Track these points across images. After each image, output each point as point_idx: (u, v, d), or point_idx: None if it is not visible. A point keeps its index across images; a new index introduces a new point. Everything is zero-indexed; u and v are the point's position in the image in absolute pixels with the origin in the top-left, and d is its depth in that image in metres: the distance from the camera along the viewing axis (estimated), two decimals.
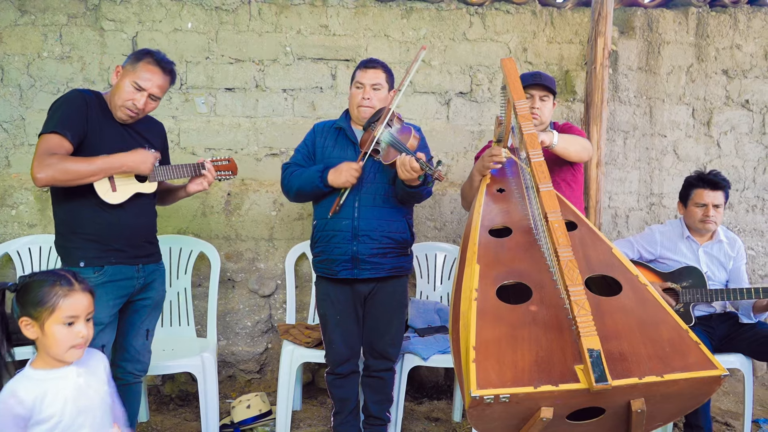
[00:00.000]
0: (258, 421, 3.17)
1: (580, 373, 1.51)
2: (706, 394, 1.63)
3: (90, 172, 2.27)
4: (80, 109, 2.32)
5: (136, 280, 2.46)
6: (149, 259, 2.53)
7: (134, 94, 2.36)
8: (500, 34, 3.76)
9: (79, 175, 2.25)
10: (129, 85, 2.35)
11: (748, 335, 3.00)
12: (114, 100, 2.39)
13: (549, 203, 1.81)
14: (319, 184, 2.69)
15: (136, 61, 2.38)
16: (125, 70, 2.39)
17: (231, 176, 2.76)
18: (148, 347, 2.60)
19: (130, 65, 2.39)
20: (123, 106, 2.37)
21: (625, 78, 3.86)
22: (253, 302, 3.69)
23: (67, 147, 2.26)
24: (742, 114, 3.95)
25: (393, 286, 2.79)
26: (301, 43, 3.63)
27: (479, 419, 1.58)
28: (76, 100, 2.34)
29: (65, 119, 2.28)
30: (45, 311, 1.67)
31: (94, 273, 2.33)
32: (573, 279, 1.63)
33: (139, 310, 2.53)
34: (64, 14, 3.51)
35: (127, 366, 2.53)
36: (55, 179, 2.22)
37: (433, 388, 3.76)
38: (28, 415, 1.65)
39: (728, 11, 3.87)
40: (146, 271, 2.51)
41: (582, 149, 2.71)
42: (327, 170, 2.68)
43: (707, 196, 3.02)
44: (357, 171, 2.62)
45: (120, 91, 2.37)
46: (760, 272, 4.01)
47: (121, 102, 2.37)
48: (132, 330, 2.53)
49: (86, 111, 2.33)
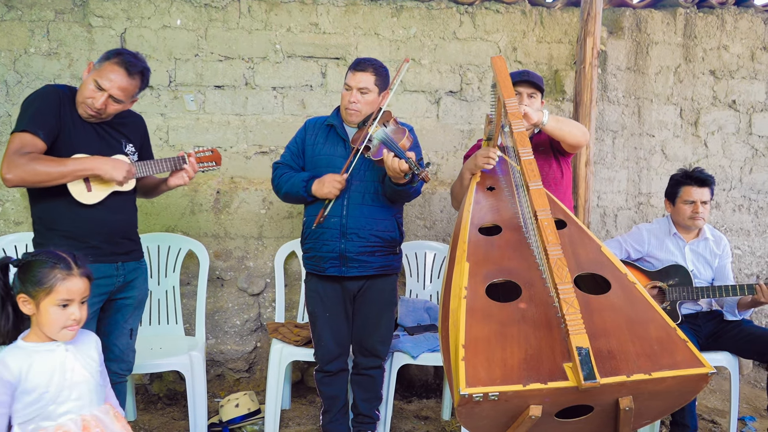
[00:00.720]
0: (247, 420, 3.16)
1: (569, 371, 1.51)
2: (694, 392, 1.65)
3: (60, 174, 2.21)
4: (53, 105, 2.26)
5: (115, 278, 2.41)
6: (129, 257, 2.48)
7: (94, 93, 2.28)
8: (490, 33, 3.77)
9: (48, 177, 2.19)
10: (91, 83, 2.28)
11: (734, 333, 3.03)
12: (78, 97, 2.33)
13: (539, 201, 1.82)
14: (303, 193, 2.70)
15: (105, 59, 2.31)
16: (94, 67, 2.32)
17: (215, 167, 2.70)
18: (132, 346, 2.57)
19: (98, 63, 2.32)
20: (83, 103, 2.31)
21: (613, 78, 3.88)
22: (242, 301, 3.68)
23: (39, 146, 2.20)
24: (729, 114, 3.98)
25: (382, 284, 2.80)
26: (291, 41, 3.62)
27: (468, 417, 1.59)
28: (49, 96, 2.27)
29: (38, 117, 2.22)
30: (42, 291, 1.74)
31: None
32: (562, 277, 1.63)
33: (121, 309, 2.49)
34: (52, 10, 3.48)
35: (112, 366, 2.47)
36: (24, 180, 2.17)
37: (422, 387, 3.77)
38: (15, 382, 1.74)
39: (715, 12, 3.91)
40: (126, 269, 2.46)
41: (576, 128, 2.64)
42: (312, 180, 2.68)
43: (695, 193, 3.05)
44: (340, 183, 2.63)
45: (82, 88, 2.31)
46: (746, 271, 4.05)
47: (81, 99, 2.31)
48: (116, 330, 2.48)
49: (59, 108, 2.27)
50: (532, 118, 2.43)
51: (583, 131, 2.69)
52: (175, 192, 3.55)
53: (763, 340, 2.92)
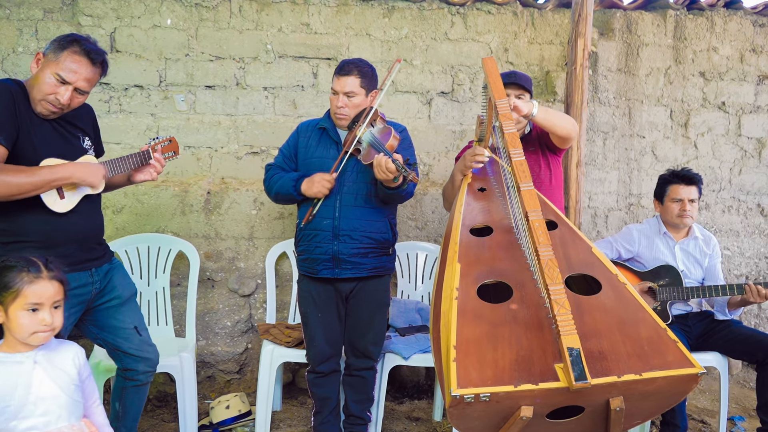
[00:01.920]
0: (237, 422, 3.14)
1: (560, 371, 1.51)
2: (684, 392, 1.65)
3: (33, 186, 2.03)
4: (8, 105, 2.03)
5: (91, 285, 2.30)
6: (101, 261, 2.37)
7: (57, 88, 2.08)
8: (482, 34, 3.77)
9: (20, 190, 2.01)
10: (50, 77, 2.07)
11: (724, 334, 3.04)
12: (33, 93, 2.10)
13: (530, 202, 1.82)
14: (293, 192, 2.70)
15: (60, 49, 2.09)
16: (47, 58, 2.10)
17: (175, 157, 2.62)
18: (148, 341, 2.47)
19: (52, 53, 2.10)
20: (44, 100, 2.10)
21: (604, 79, 3.89)
22: (232, 302, 3.66)
23: (1, 153, 2.01)
24: (719, 116, 4.01)
25: (375, 285, 2.79)
26: (282, 41, 3.61)
27: (460, 418, 1.58)
28: (2, 96, 2.04)
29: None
30: (9, 295, 1.69)
31: None
32: (553, 278, 1.63)
33: (109, 312, 2.39)
34: (40, 9, 3.45)
35: (139, 367, 2.43)
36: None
37: (414, 388, 3.76)
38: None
39: (705, 14, 3.93)
40: (99, 273, 2.35)
41: (565, 120, 2.64)
42: (302, 179, 2.68)
43: (682, 191, 3.08)
44: (329, 182, 2.63)
45: (40, 83, 2.08)
46: (735, 272, 4.07)
47: (41, 96, 2.09)
48: (119, 333, 2.39)
49: (14, 107, 2.05)
50: (522, 109, 2.43)
51: (572, 123, 2.69)
52: (165, 193, 3.53)
53: (751, 340, 2.95)
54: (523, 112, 2.44)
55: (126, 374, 2.45)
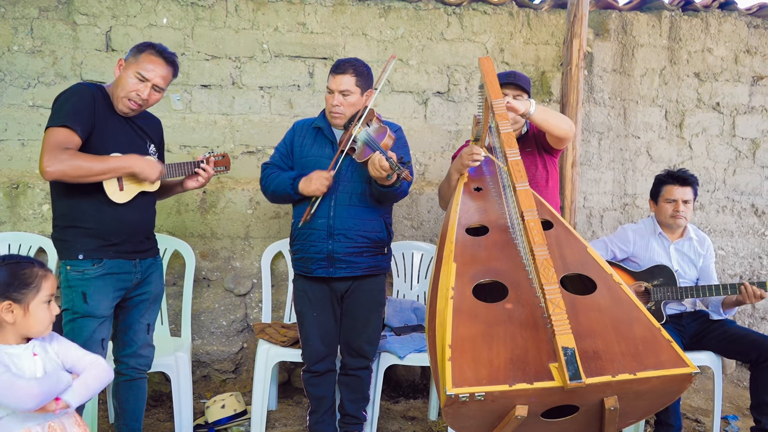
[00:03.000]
0: (233, 421, 3.14)
1: (555, 371, 1.52)
2: (678, 392, 1.66)
3: (101, 171, 2.26)
4: (88, 103, 2.30)
5: (133, 274, 2.46)
6: (146, 254, 2.53)
7: (138, 85, 2.35)
8: (477, 34, 3.78)
9: (89, 173, 2.24)
10: (132, 77, 2.35)
11: (718, 333, 3.06)
12: (116, 92, 2.38)
13: (525, 202, 1.83)
14: (290, 191, 2.70)
15: (138, 52, 2.38)
16: (128, 62, 2.39)
17: (225, 171, 2.82)
18: (150, 341, 2.60)
19: (132, 57, 2.38)
20: (126, 97, 2.36)
21: (599, 80, 3.91)
22: (228, 301, 3.66)
23: (76, 141, 2.24)
24: (713, 116, 4.03)
25: (371, 285, 2.79)
26: (278, 41, 3.61)
27: (455, 417, 1.59)
28: (84, 94, 2.31)
29: (75, 113, 2.25)
30: (31, 292, 1.74)
31: (93, 265, 2.33)
32: (548, 278, 1.64)
33: (137, 305, 2.52)
34: (36, 7, 3.44)
35: (130, 361, 2.53)
36: (65, 174, 2.19)
37: (409, 387, 3.77)
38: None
39: (700, 15, 3.95)
40: (143, 265, 2.50)
41: (562, 121, 2.65)
42: (299, 178, 2.68)
43: (677, 192, 3.09)
44: (328, 180, 2.62)
45: (123, 82, 2.36)
46: (729, 272, 4.09)
47: (124, 93, 2.36)
48: (133, 325, 2.53)
49: (94, 105, 2.31)
50: (519, 108, 2.45)
51: (569, 124, 2.70)
52: None
53: (745, 340, 2.96)
54: (520, 111, 2.45)
55: (118, 367, 2.53)
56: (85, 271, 2.32)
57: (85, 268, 2.32)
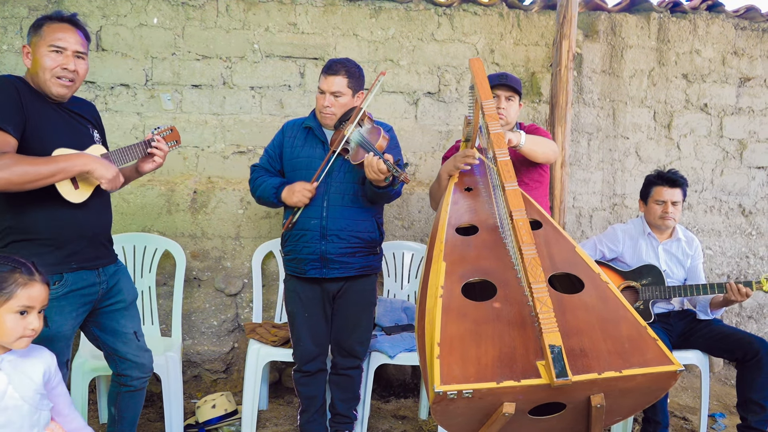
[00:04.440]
0: (223, 421, 3.14)
1: (542, 368, 1.54)
2: (663, 389, 1.68)
3: (49, 174, 2.02)
4: (12, 96, 2.04)
5: (98, 285, 2.28)
6: (108, 261, 2.35)
7: (58, 59, 2.11)
8: (468, 35, 3.79)
9: (38, 177, 1.99)
10: (47, 54, 2.10)
11: (705, 332, 3.09)
12: (42, 77, 2.12)
13: (514, 202, 1.84)
14: (273, 199, 2.72)
15: (38, 28, 2.12)
16: (33, 44, 2.13)
17: (176, 145, 2.62)
18: (144, 347, 2.46)
19: (35, 37, 2.13)
20: (54, 76, 2.12)
21: (589, 80, 3.93)
22: (219, 301, 3.66)
23: (12, 143, 2.00)
24: (701, 117, 4.06)
25: (362, 285, 2.80)
26: (269, 41, 3.61)
27: (443, 415, 1.60)
28: (5, 88, 2.05)
29: (1, 111, 2.00)
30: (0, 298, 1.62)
31: (54, 284, 2.09)
32: (536, 276, 1.66)
33: (114, 315, 2.36)
34: (25, 7, 3.43)
35: (133, 373, 2.41)
36: (10, 182, 1.95)
37: (400, 387, 3.78)
38: None
39: (688, 17, 3.98)
40: (107, 273, 2.33)
41: (549, 150, 2.75)
42: (283, 187, 2.69)
43: (666, 194, 3.12)
44: (310, 192, 2.64)
45: (42, 63, 2.10)
46: (717, 271, 4.13)
47: (49, 74, 2.11)
48: (119, 337, 2.37)
49: (19, 97, 2.05)
50: (512, 141, 2.52)
51: (555, 150, 2.81)
52: (152, 191, 3.52)
53: (731, 339, 2.99)
54: (512, 144, 2.53)
55: (120, 379, 2.43)
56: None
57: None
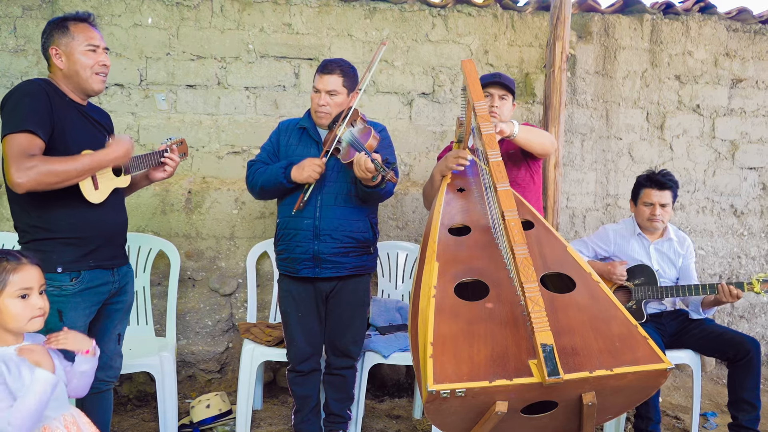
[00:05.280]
0: (218, 421, 3.14)
1: (534, 367, 1.55)
2: (654, 387, 1.70)
3: (77, 173, 2.09)
4: (43, 101, 2.12)
5: (111, 285, 2.33)
6: (121, 261, 2.41)
7: (96, 57, 2.23)
8: (462, 36, 3.81)
9: (67, 176, 2.07)
10: (84, 53, 2.20)
11: (697, 332, 3.11)
12: (82, 75, 2.22)
13: (506, 202, 1.86)
14: (282, 180, 2.69)
15: (66, 29, 2.20)
16: (65, 45, 2.20)
17: (184, 158, 2.68)
18: (120, 352, 2.47)
19: (63, 38, 2.20)
20: (94, 72, 2.23)
21: (582, 81, 3.95)
22: (213, 301, 3.66)
23: (40, 145, 2.06)
24: (694, 118, 4.09)
25: (355, 284, 2.81)
26: (263, 41, 3.62)
27: (436, 414, 1.61)
28: (36, 93, 2.13)
29: (32, 115, 2.07)
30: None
31: (71, 280, 2.18)
32: (528, 276, 1.67)
33: (111, 315, 2.40)
34: (19, 6, 3.42)
35: (99, 374, 2.30)
36: (39, 183, 2.02)
37: (394, 386, 3.79)
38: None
39: (680, 19, 4.01)
40: (120, 274, 2.38)
41: (546, 141, 2.73)
42: (290, 166, 2.68)
43: (654, 196, 3.14)
44: (320, 167, 2.63)
45: (81, 63, 2.21)
46: (709, 271, 4.16)
47: (89, 72, 2.22)
48: (104, 336, 2.38)
49: (49, 103, 2.14)
50: (505, 131, 2.52)
51: (551, 141, 2.79)
52: (146, 192, 3.52)
53: (723, 338, 3.01)
54: (505, 134, 2.53)
55: None
56: (63, 287, 2.16)
57: (62, 284, 2.16)
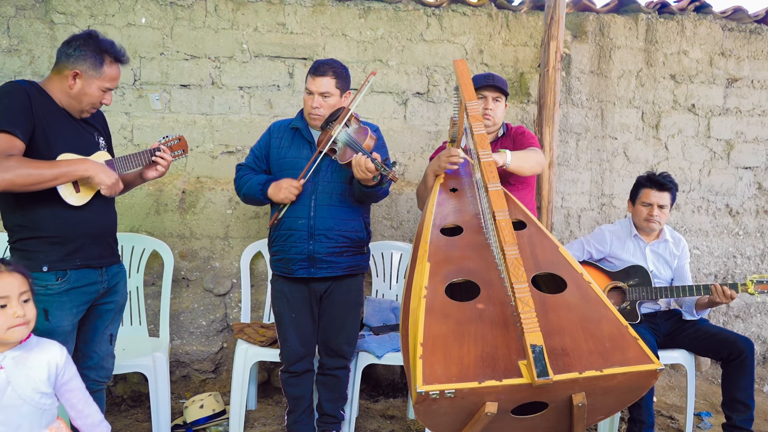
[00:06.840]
0: (211, 421, 3.14)
1: (523, 368, 1.54)
2: (644, 388, 1.69)
3: (52, 177, 2.11)
4: (24, 102, 2.13)
5: (100, 284, 2.34)
6: (111, 260, 2.41)
7: (103, 97, 2.30)
8: (457, 35, 3.80)
9: (41, 180, 2.08)
10: (97, 90, 2.27)
11: (691, 332, 3.11)
12: (82, 103, 2.27)
13: (497, 202, 1.85)
14: (260, 196, 2.72)
15: (99, 64, 2.25)
16: (87, 75, 2.24)
17: (183, 155, 2.67)
18: (112, 352, 2.47)
19: (91, 70, 2.24)
20: (92, 106, 2.30)
21: (577, 81, 3.95)
22: (207, 301, 3.65)
23: (19, 146, 2.07)
24: (689, 118, 4.09)
25: (349, 285, 2.81)
26: (258, 41, 3.61)
27: (426, 414, 1.61)
28: (17, 93, 2.13)
29: (10, 115, 2.08)
30: None
31: (57, 279, 2.19)
32: (518, 276, 1.66)
33: (102, 315, 2.40)
34: (12, 6, 3.41)
35: (91, 374, 2.37)
36: (13, 184, 2.04)
37: (388, 386, 3.78)
38: None
39: (676, 18, 4.00)
40: (110, 273, 2.39)
41: (536, 164, 2.72)
42: (269, 183, 2.69)
43: (653, 197, 3.13)
44: (297, 189, 2.64)
45: (89, 95, 2.26)
46: (704, 271, 4.16)
47: (90, 105, 2.29)
48: (96, 336, 2.39)
49: (30, 104, 2.14)
50: (498, 161, 2.49)
51: (541, 162, 2.75)
52: (140, 191, 3.51)
53: (717, 338, 3.01)
54: (498, 165, 2.49)
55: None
56: (49, 286, 2.17)
57: (48, 283, 2.17)
